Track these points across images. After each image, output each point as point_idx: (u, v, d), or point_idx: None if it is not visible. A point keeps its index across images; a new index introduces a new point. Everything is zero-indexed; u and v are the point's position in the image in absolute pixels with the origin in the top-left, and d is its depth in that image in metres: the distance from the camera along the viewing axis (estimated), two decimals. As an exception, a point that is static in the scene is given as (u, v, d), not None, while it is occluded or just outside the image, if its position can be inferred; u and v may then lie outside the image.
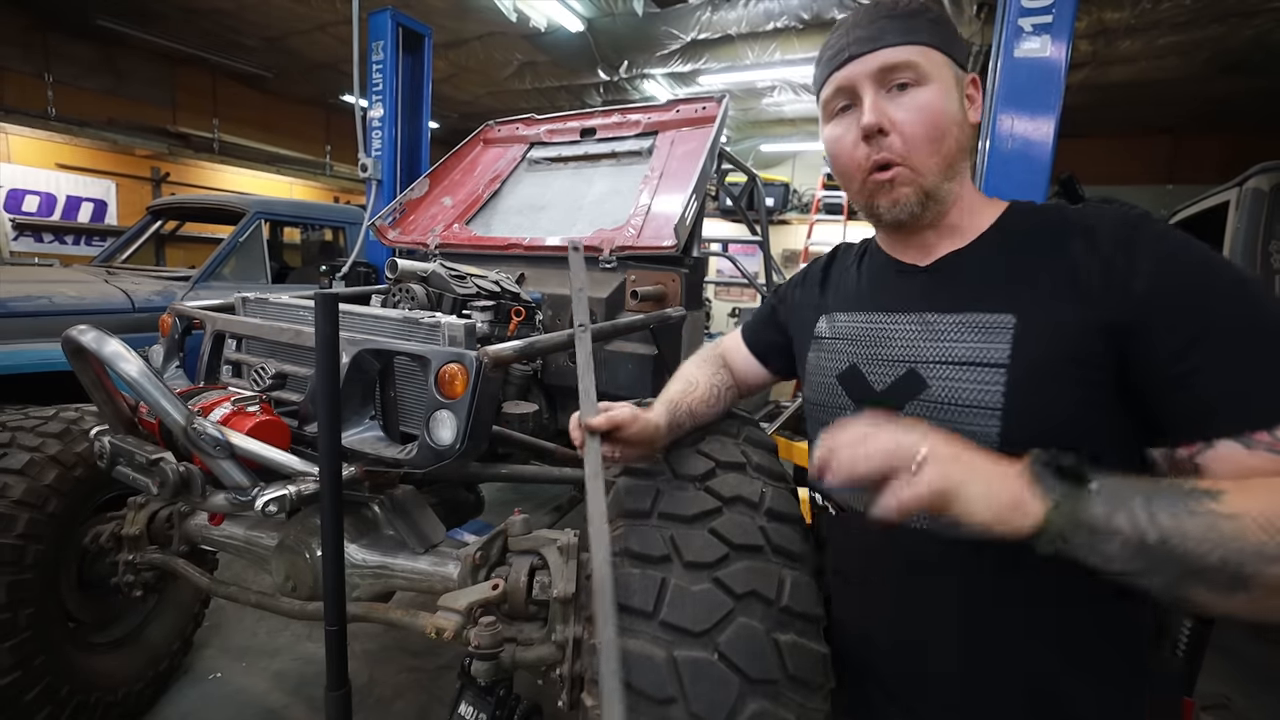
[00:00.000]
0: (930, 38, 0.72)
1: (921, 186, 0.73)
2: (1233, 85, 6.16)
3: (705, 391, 1.03)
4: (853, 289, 0.86)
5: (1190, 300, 0.59)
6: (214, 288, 3.18)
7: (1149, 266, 0.62)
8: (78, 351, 1.24)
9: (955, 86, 0.73)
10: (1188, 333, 0.58)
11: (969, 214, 0.77)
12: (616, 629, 0.70)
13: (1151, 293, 0.61)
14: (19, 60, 7.05)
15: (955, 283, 0.75)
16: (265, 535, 1.46)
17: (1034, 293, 0.68)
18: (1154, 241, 0.63)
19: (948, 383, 0.71)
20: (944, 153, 0.72)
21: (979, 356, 0.69)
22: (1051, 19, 1.90)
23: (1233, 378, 0.56)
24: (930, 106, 0.71)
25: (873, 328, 0.80)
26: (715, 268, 8.45)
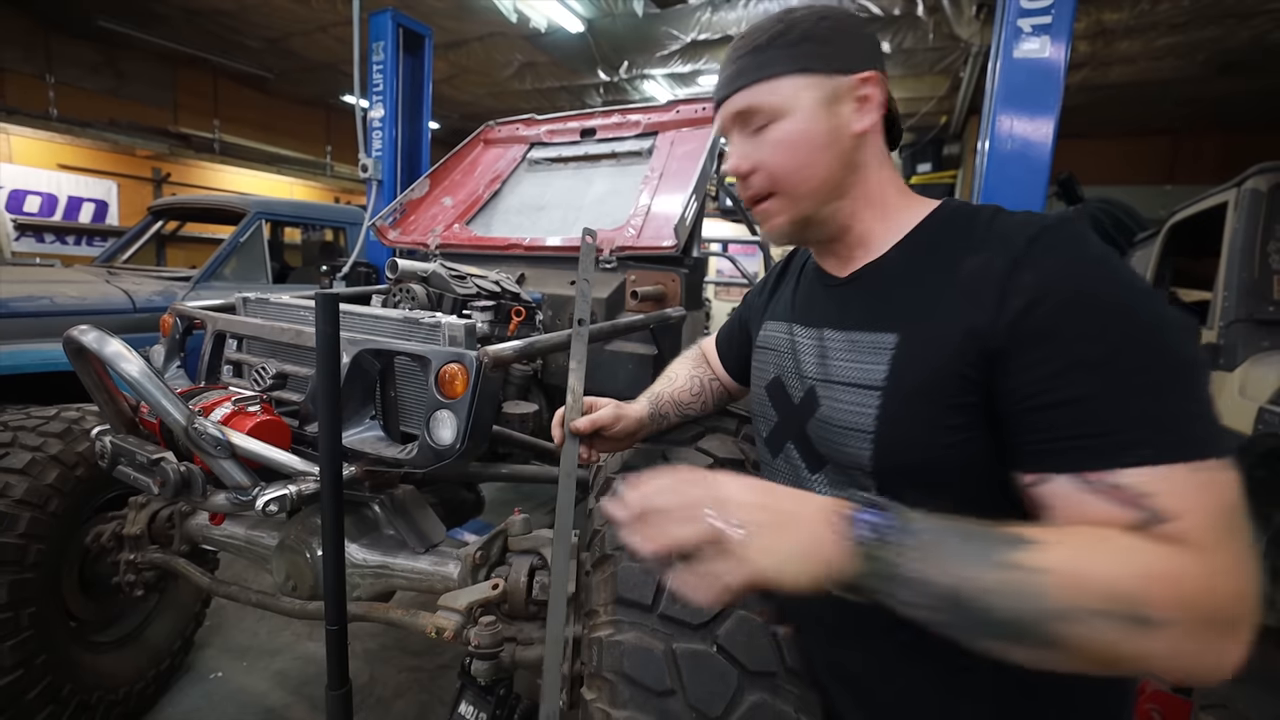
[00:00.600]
0: (786, 64, 0.68)
1: (797, 213, 0.72)
2: (1231, 85, 6.17)
3: (685, 382, 1.05)
4: (789, 297, 0.84)
5: (1059, 328, 0.54)
6: (215, 288, 3.18)
7: (1030, 287, 0.56)
8: (79, 351, 1.25)
9: (821, 106, 0.68)
10: (1047, 363, 0.54)
11: (877, 223, 0.72)
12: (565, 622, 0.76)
13: (1025, 316, 0.55)
14: (21, 61, 7.07)
15: (857, 299, 0.72)
16: (266, 535, 1.47)
17: (919, 311, 0.64)
18: (1043, 259, 0.57)
19: (832, 403, 0.69)
20: (816, 179, 0.70)
21: (859, 377, 0.67)
22: (1050, 19, 1.90)
23: (1079, 414, 0.52)
24: (786, 140, 0.69)
25: (791, 340, 0.78)
26: (715, 268, 8.45)
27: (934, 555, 0.48)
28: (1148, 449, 0.49)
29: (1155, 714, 1.93)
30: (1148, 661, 0.45)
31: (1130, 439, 0.50)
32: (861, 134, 0.70)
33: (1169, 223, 3.04)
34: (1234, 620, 0.45)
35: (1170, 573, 0.45)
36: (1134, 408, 0.50)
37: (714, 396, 1.07)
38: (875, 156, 0.72)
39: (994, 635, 0.47)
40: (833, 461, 0.70)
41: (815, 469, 0.73)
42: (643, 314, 1.81)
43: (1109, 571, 0.45)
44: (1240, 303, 2.03)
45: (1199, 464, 0.48)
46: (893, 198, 0.73)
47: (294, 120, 10.10)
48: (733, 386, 1.08)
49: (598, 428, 0.92)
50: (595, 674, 0.80)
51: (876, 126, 0.71)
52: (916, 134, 8.35)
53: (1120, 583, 0.45)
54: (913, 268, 0.68)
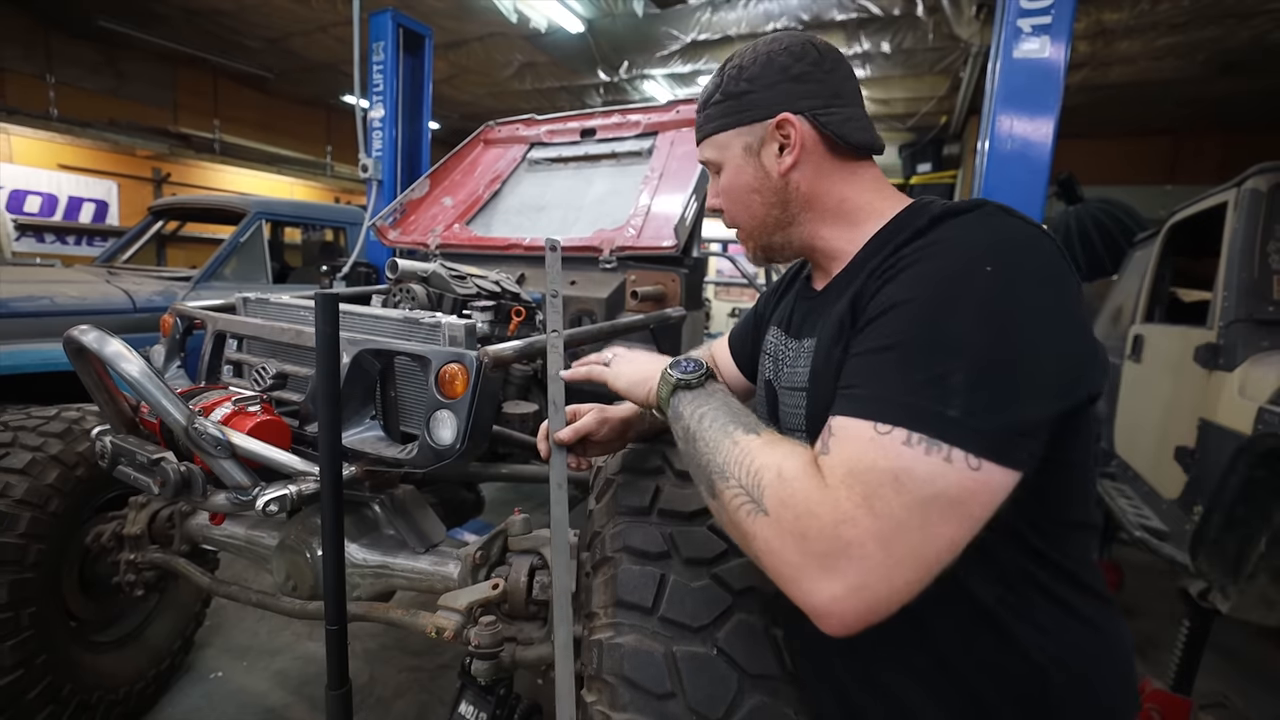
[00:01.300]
0: (717, 124, 0.78)
1: (756, 244, 0.83)
2: (1231, 86, 6.17)
3: None
4: (788, 307, 0.88)
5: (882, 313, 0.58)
6: (215, 288, 3.18)
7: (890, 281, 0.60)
8: (79, 351, 1.25)
9: (745, 156, 0.77)
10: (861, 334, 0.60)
11: (839, 240, 0.76)
12: (571, 633, 0.79)
13: (870, 308, 0.60)
14: (21, 61, 7.07)
15: (819, 310, 0.76)
16: (266, 535, 1.47)
17: (836, 313, 0.67)
18: (913, 246, 0.60)
19: (784, 406, 0.77)
20: (756, 218, 0.79)
21: (795, 382, 0.75)
22: (1050, 20, 1.90)
23: (851, 369, 0.58)
24: (725, 189, 0.81)
25: (778, 347, 0.84)
26: (715, 268, 8.45)
27: (701, 406, 0.66)
28: (857, 404, 0.54)
29: (1155, 714, 1.94)
30: (754, 543, 0.55)
31: (855, 395, 0.55)
32: (788, 172, 0.75)
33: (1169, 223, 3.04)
34: (826, 553, 0.49)
35: (791, 479, 0.53)
36: (873, 371, 0.56)
37: None
38: (820, 180, 0.75)
39: (695, 474, 0.64)
40: None
41: None
42: (643, 314, 1.81)
43: (760, 459, 0.56)
44: (1240, 303, 2.03)
45: (881, 426, 0.51)
46: (851, 210, 0.75)
47: (294, 120, 10.10)
48: (737, 389, 1.08)
49: (582, 436, 0.93)
50: (595, 676, 0.80)
51: (810, 157, 0.74)
52: (916, 134, 8.35)
53: (760, 467, 0.55)
54: (847, 276, 0.72)
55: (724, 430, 0.61)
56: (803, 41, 0.75)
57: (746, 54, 0.76)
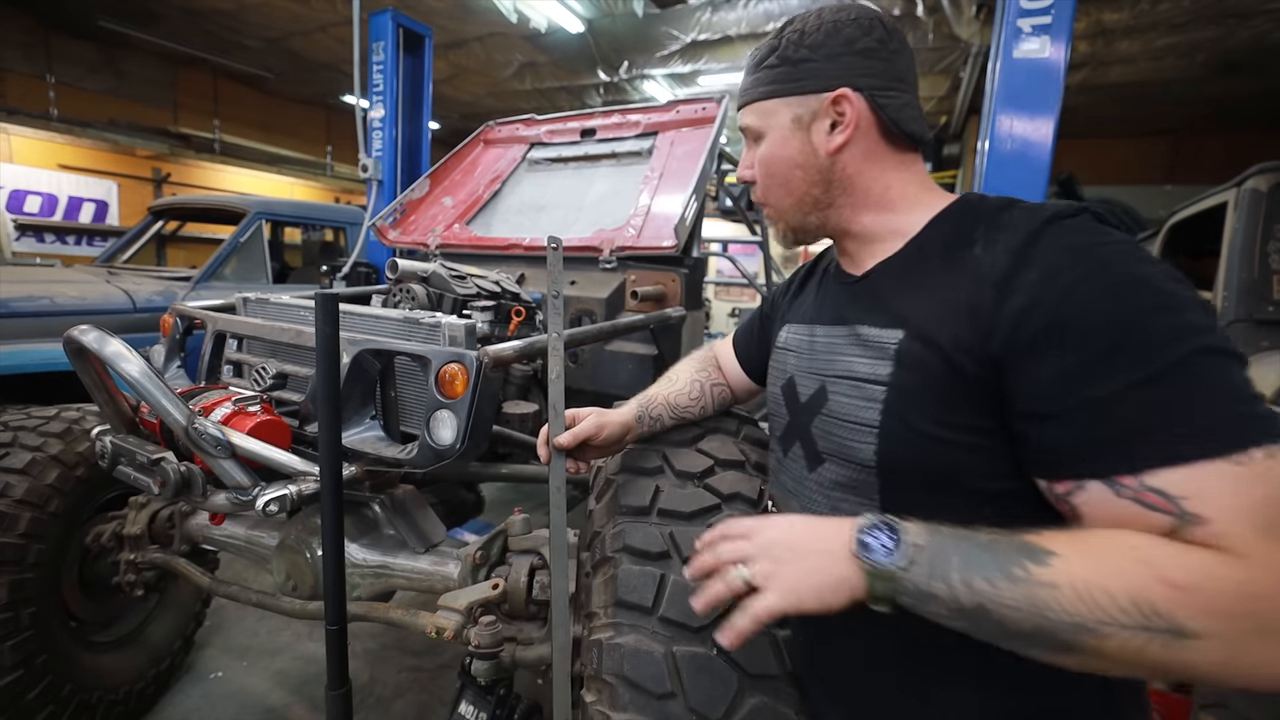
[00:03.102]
0: (766, 89, 0.73)
1: (784, 223, 0.79)
2: (1231, 86, 6.17)
3: (685, 385, 1.05)
4: (810, 300, 0.85)
5: (1068, 327, 0.52)
6: (215, 288, 3.18)
7: (1033, 284, 0.55)
8: (79, 351, 1.25)
9: (793, 128, 0.72)
10: (1060, 363, 0.52)
11: (882, 225, 0.73)
12: (569, 637, 0.77)
13: (1029, 316, 0.54)
14: (21, 61, 7.07)
15: (866, 295, 0.73)
16: (266, 535, 1.47)
17: (924, 307, 0.64)
18: (1047, 252, 0.56)
19: (840, 398, 0.70)
20: (793, 196, 0.75)
21: (865, 373, 0.67)
22: (1050, 20, 1.91)
23: (1105, 416, 0.50)
24: (764, 160, 0.76)
25: (809, 340, 0.79)
26: (715, 268, 8.45)
27: (946, 569, 0.50)
28: (1181, 447, 0.47)
29: (1155, 713, 1.94)
30: (1194, 670, 0.44)
31: (1161, 438, 0.48)
32: (837, 152, 0.71)
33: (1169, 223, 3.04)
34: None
35: (1202, 581, 0.43)
36: (1162, 404, 0.48)
37: (715, 401, 1.07)
38: (868, 164, 0.72)
39: (1022, 644, 0.49)
40: (834, 458, 0.70)
41: (813, 467, 0.73)
42: (643, 314, 1.81)
43: (1130, 583, 0.45)
44: (1240, 303, 2.03)
45: (1239, 456, 0.45)
46: (897, 198, 0.72)
47: (294, 120, 10.11)
48: (740, 389, 1.08)
49: (581, 440, 0.92)
50: (595, 676, 0.80)
51: (862, 139, 0.71)
52: (916, 134, 8.34)
53: (1144, 594, 0.44)
54: (920, 264, 0.68)
55: (1015, 581, 0.48)
56: (871, 16, 0.71)
57: (810, 19, 0.71)
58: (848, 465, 0.68)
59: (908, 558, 0.51)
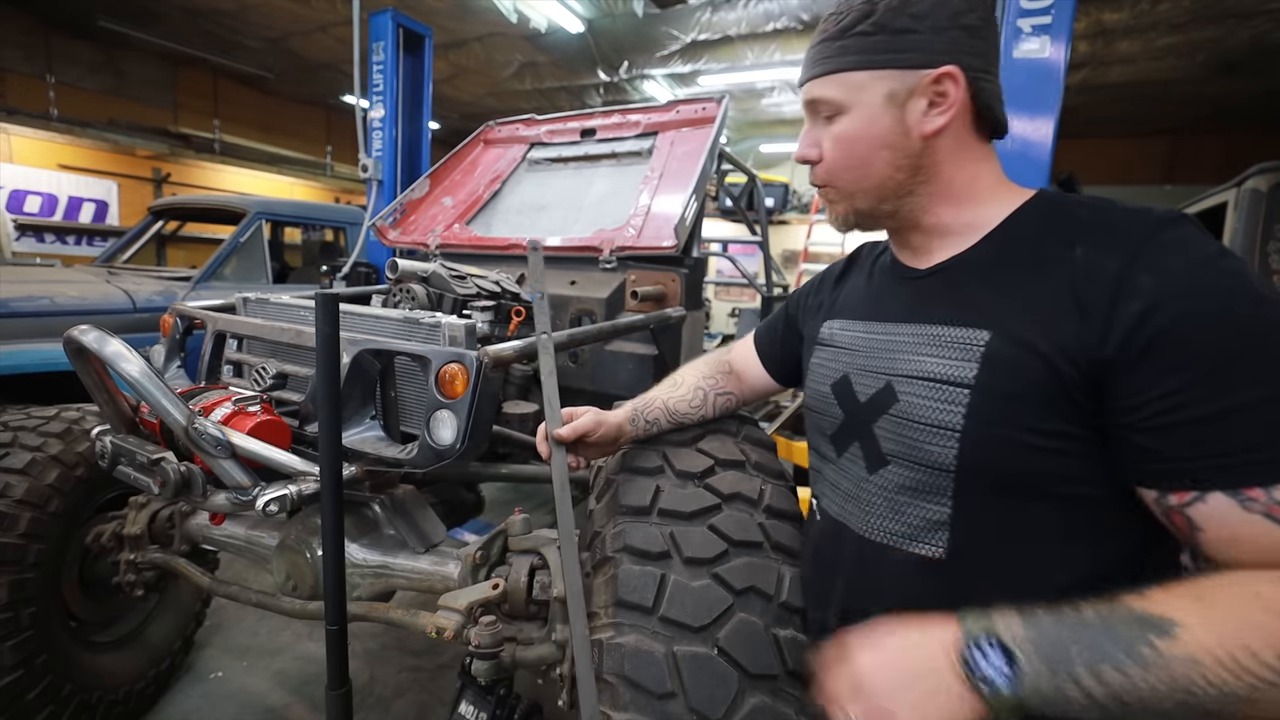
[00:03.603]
0: (856, 59, 0.66)
1: (852, 207, 0.72)
2: (1231, 86, 6.17)
3: (687, 392, 1.04)
4: (860, 295, 0.82)
5: (1191, 336, 0.51)
6: (215, 288, 3.18)
7: (1152, 288, 0.53)
8: (79, 351, 1.25)
9: (886, 105, 0.66)
10: (1191, 370, 0.51)
11: (957, 216, 0.69)
12: (587, 628, 0.76)
13: (1145, 323, 0.52)
14: (21, 61, 7.07)
15: (943, 292, 0.69)
16: (266, 535, 1.47)
17: (1016, 307, 0.61)
18: (1162, 264, 0.54)
19: (914, 398, 0.66)
20: (872, 178, 0.69)
21: (946, 373, 0.64)
22: (1050, 20, 1.90)
23: (1230, 426, 0.50)
24: (846, 137, 0.68)
25: (866, 337, 0.76)
26: (715, 268, 8.45)
27: (1070, 665, 0.47)
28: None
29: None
30: None
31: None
32: (932, 135, 0.66)
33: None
34: None
35: None
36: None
37: (717, 410, 1.06)
38: (957, 152, 0.68)
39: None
40: (902, 460, 0.68)
41: (875, 468, 0.71)
42: (643, 314, 1.81)
43: (1273, 638, 0.44)
44: (1240, 303, 2.04)
45: None
46: (981, 190, 0.69)
47: (294, 120, 10.11)
48: (749, 395, 1.07)
49: (580, 435, 0.92)
50: (596, 676, 0.80)
51: (957, 123, 0.66)
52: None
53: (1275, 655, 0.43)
54: (1006, 262, 0.64)
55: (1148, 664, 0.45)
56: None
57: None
58: (918, 468, 0.66)
59: (1028, 680, 0.47)
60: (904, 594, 0.68)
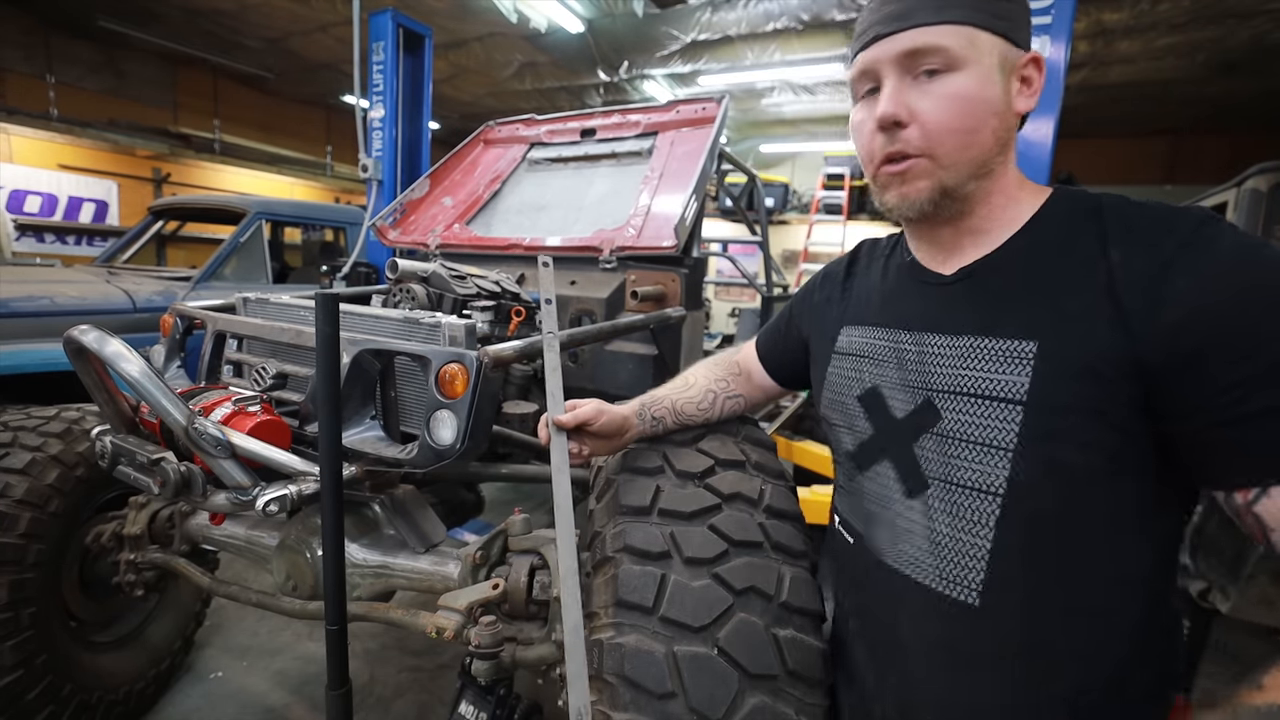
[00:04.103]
0: (972, 14, 0.62)
1: (941, 183, 0.65)
2: (1231, 86, 6.17)
3: (697, 394, 1.03)
4: (875, 297, 0.78)
5: (1249, 328, 0.51)
6: (215, 288, 3.18)
7: (1202, 285, 0.53)
8: (79, 351, 1.25)
9: (999, 71, 0.63)
10: (1244, 365, 0.51)
11: (999, 211, 0.67)
12: (582, 618, 0.75)
13: (1201, 318, 0.52)
14: (21, 61, 7.07)
15: (977, 299, 0.66)
16: (266, 535, 1.47)
17: (1061, 314, 0.59)
18: (1211, 253, 0.53)
19: (960, 415, 0.63)
20: (976, 148, 0.63)
21: (994, 389, 0.61)
22: (1050, 19, 1.90)
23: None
24: (961, 95, 0.62)
25: (893, 347, 0.72)
26: (715, 268, 8.46)
27: None
28: None
29: (1155, 714, 1.93)
30: None
31: None
32: (1021, 115, 0.66)
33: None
34: None
35: None
36: None
37: (725, 413, 1.06)
38: (1014, 142, 0.67)
39: None
40: (944, 482, 0.65)
41: (915, 493, 0.68)
42: (643, 314, 1.81)
43: None
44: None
45: None
46: (1017, 185, 0.68)
47: (294, 120, 10.11)
48: (756, 399, 1.06)
49: (581, 422, 0.92)
50: (596, 676, 0.80)
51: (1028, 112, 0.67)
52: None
53: None
54: (1040, 266, 0.63)
55: None
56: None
57: None
58: (960, 491, 0.63)
59: None
60: (923, 631, 0.67)
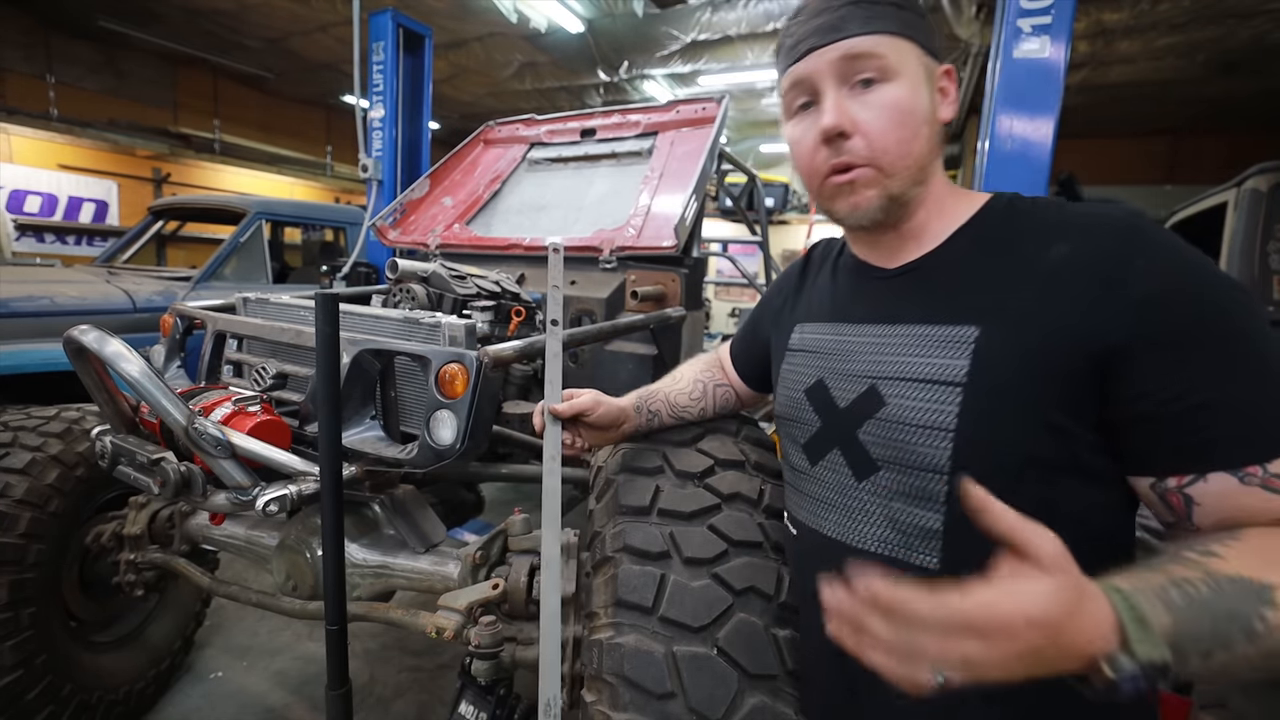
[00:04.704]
0: (898, 26, 0.65)
1: (888, 191, 0.66)
2: (1231, 86, 6.17)
3: (687, 385, 1.05)
4: (825, 297, 0.81)
5: (1190, 324, 0.54)
6: (215, 288, 3.18)
7: (1148, 282, 0.55)
8: (79, 351, 1.25)
9: (925, 81, 0.66)
10: (1185, 360, 0.54)
11: (937, 214, 0.70)
12: (559, 607, 0.76)
13: (1148, 313, 0.55)
14: (21, 61, 7.07)
15: (920, 291, 0.69)
16: (266, 535, 1.47)
17: (1004, 303, 0.62)
18: (1155, 253, 0.57)
19: (903, 400, 0.65)
20: (915, 155, 0.66)
21: (935, 373, 0.63)
22: (1050, 20, 1.90)
23: (1230, 409, 0.53)
24: (898, 104, 0.64)
25: (839, 340, 0.74)
26: (715, 268, 8.46)
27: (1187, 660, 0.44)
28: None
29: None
30: None
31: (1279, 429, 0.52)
32: (945, 123, 0.69)
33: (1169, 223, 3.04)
34: None
35: None
36: (1275, 399, 0.53)
37: (718, 402, 1.06)
38: (940, 149, 0.70)
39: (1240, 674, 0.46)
40: (895, 465, 0.66)
41: (864, 475, 0.69)
42: (643, 314, 1.81)
43: None
44: (1240, 303, 2.04)
45: None
46: (950, 189, 0.72)
47: (294, 120, 10.11)
48: (744, 394, 1.07)
49: (577, 412, 0.92)
50: (596, 676, 0.80)
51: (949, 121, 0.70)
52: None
53: None
54: (982, 259, 0.65)
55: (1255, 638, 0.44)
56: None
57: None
58: (910, 472, 0.65)
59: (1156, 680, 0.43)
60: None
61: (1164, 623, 0.43)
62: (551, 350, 0.91)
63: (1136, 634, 0.42)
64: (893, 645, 0.43)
